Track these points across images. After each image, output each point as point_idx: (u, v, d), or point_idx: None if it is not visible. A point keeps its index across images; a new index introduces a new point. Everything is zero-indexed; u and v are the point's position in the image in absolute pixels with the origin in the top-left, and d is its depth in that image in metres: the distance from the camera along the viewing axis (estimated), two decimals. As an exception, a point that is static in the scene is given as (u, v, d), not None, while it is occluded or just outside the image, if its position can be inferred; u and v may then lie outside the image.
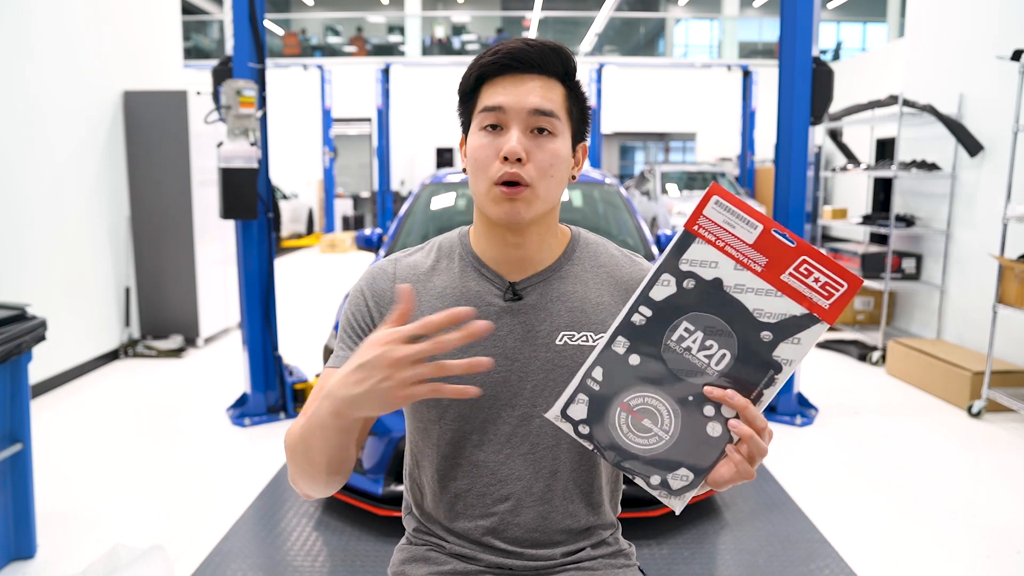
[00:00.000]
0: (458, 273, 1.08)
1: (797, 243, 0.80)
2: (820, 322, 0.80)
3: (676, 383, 0.83)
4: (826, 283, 0.79)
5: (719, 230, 0.81)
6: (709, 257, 0.81)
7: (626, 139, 18.35)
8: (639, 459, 0.85)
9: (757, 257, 0.80)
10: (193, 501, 2.93)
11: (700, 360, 0.82)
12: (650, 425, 0.84)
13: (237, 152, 3.55)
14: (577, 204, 3.99)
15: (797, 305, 0.80)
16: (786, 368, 0.81)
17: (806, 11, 3.59)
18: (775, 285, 0.80)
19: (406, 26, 17.52)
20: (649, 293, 0.82)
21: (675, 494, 0.86)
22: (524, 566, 1.08)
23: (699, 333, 0.82)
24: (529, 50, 0.99)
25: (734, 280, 0.81)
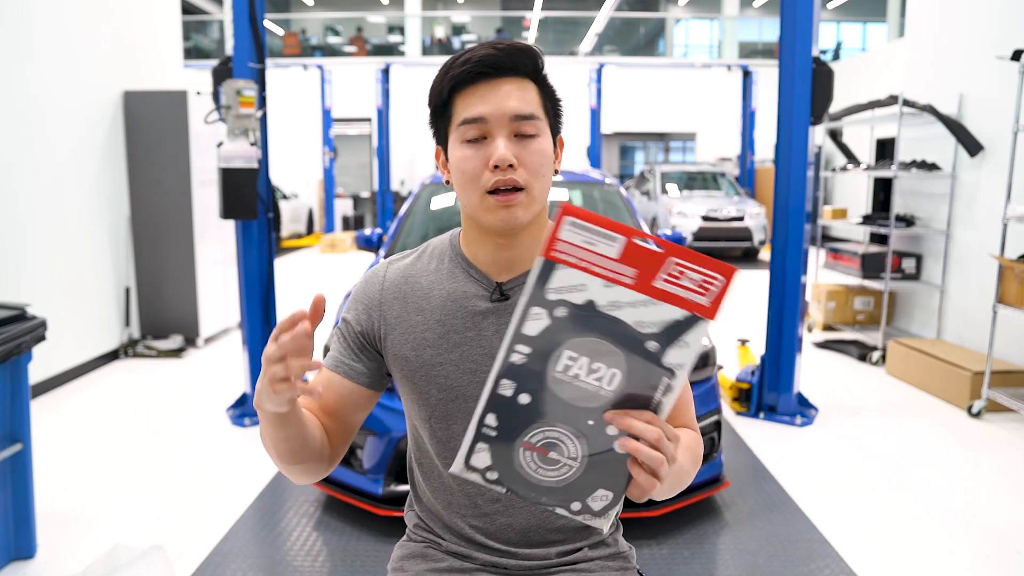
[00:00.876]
0: (446, 275, 1.09)
1: (664, 247, 0.77)
2: (703, 320, 0.78)
3: (573, 412, 0.80)
4: (702, 281, 0.77)
5: (580, 251, 0.77)
6: (575, 281, 0.77)
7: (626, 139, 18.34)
8: (554, 491, 0.83)
9: (625, 270, 0.77)
10: (193, 501, 2.93)
11: (591, 384, 0.80)
12: (557, 457, 0.82)
13: (237, 152, 3.55)
14: (577, 204, 3.99)
15: (676, 309, 0.78)
16: (679, 372, 0.79)
17: (806, 11, 3.59)
18: (650, 294, 0.78)
19: (406, 26, 17.52)
20: (522, 330, 0.79)
21: (598, 515, 0.84)
22: (518, 565, 1.08)
23: (584, 359, 0.79)
24: (499, 54, 0.98)
25: (607, 298, 0.78)
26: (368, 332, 1.09)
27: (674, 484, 0.98)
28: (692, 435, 1.08)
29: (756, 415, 3.94)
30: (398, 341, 1.07)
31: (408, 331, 1.07)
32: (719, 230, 10.39)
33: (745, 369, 4.16)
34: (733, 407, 4.05)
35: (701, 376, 2.75)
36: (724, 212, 10.42)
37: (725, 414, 3.96)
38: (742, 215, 10.42)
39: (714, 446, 2.77)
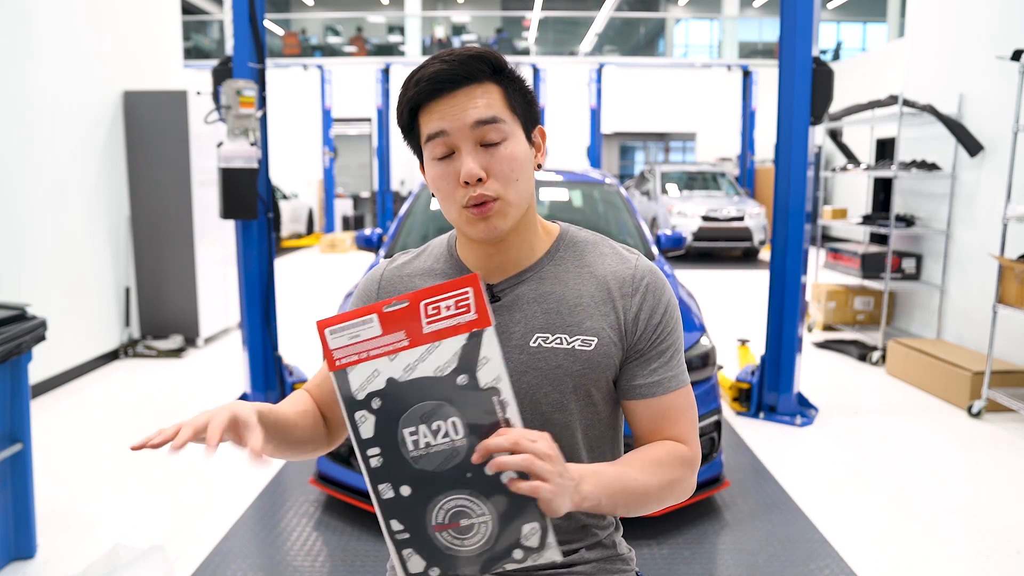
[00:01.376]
0: (440, 276, 1.10)
1: (408, 299, 0.82)
2: (483, 330, 0.81)
3: (450, 476, 0.82)
4: (456, 302, 0.81)
5: (353, 347, 0.82)
6: (367, 372, 0.82)
7: (626, 139, 18.34)
8: (492, 552, 0.84)
9: (395, 337, 0.82)
10: (193, 501, 2.93)
11: (444, 444, 0.82)
12: (469, 521, 0.83)
13: (237, 152, 3.55)
14: (577, 204, 3.99)
15: (456, 337, 0.81)
16: (501, 386, 0.81)
17: (806, 11, 3.59)
18: (427, 341, 0.81)
19: (406, 26, 17.52)
20: (362, 437, 0.82)
21: (541, 549, 0.84)
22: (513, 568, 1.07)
23: (422, 427, 0.82)
24: (449, 68, 0.97)
25: (399, 368, 0.82)
26: None
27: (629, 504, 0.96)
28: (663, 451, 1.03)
29: (756, 415, 3.94)
30: None
31: None
32: (719, 230, 10.39)
33: (745, 369, 4.16)
34: (733, 407, 4.05)
35: (701, 376, 2.75)
36: (724, 212, 10.42)
37: (725, 414, 3.96)
38: (742, 215, 10.42)
39: (714, 446, 2.77)
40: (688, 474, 1.04)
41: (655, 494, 0.99)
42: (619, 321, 1.04)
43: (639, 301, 1.04)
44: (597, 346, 1.03)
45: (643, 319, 1.04)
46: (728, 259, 11.16)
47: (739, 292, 8.16)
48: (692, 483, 1.06)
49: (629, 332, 1.04)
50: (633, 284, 1.05)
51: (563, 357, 1.02)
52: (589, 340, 1.03)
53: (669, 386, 1.05)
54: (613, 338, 1.04)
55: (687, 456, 1.05)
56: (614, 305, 1.04)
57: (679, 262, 9.91)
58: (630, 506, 0.97)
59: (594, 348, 1.03)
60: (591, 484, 0.89)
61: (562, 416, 1.04)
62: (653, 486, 0.98)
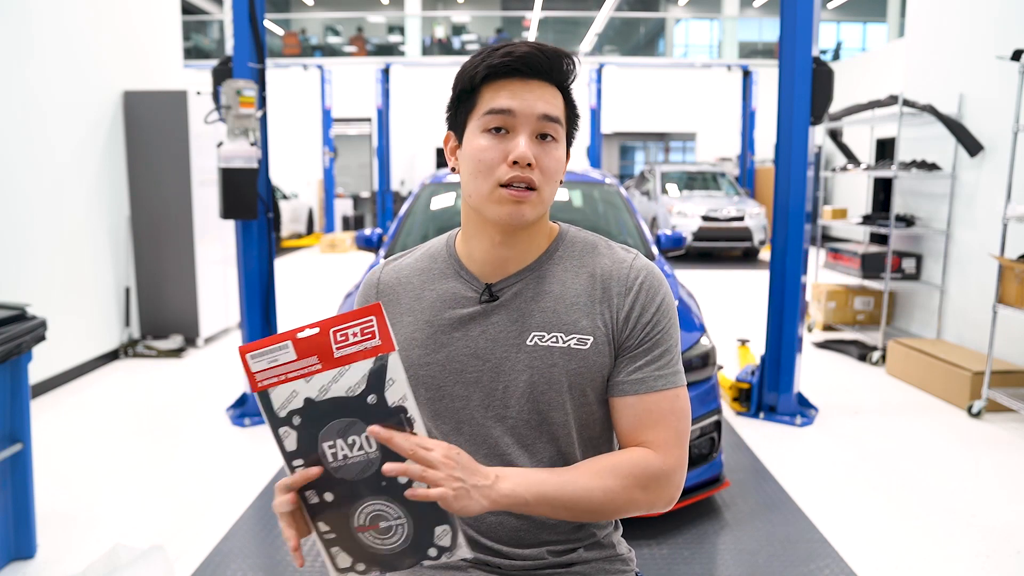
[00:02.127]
0: (437, 275, 1.10)
1: (319, 326, 0.88)
2: (388, 355, 0.87)
3: (367, 484, 0.89)
4: (361, 329, 0.87)
5: (273, 370, 0.87)
6: (286, 393, 0.88)
7: (626, 139, 18.34)
8: (409, 551, 0.92)
9: (308, 361, 0.87)
10: (193, 501, 2.93)
11: (360, 456, 0.89)
12: (387, 524, 0.91)
13: (237, 152, 3.55)
14: (577, 204, 3.99)
15: (364, 361, 0.87)
16: (407, 404, 0.88)
17: (806, 11, 3.59)
18: (337, 365, 0.87)
19: (406, 26, 17.52)
20: (287, 450, 0.89)
21: (452, 549, 0.91)
22: (511, 565, 1.08)
23: (339, 441, 0.88)
24: (541, 56, 0.99)
25: (315, 389, 0.88)
26: None
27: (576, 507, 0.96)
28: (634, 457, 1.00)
29: (756, 415, 3.94)
30: None
31: (398, 332, 1.09)
32: (719, 230, 10.39)
33: (745, 369, 4.16)
34: (733, 407, 4.05)
35: (701, 376, 2.75)
36: (724, 212, 10.42)
37: (725, 414, 3.96)
38: (742, 215, 10.42)
39: (714, 446, 2.77)
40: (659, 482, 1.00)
41: (608, 501, 0.97)
42: (612, 319, 1.04)
43: (632, 299, 1.05)
44: (592, 345, 1.03)
45: (634, 317, 1.04)
46: (728, 259, 11.16)
47: (739, 292, 8.16)
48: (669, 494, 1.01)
49: (620, 330, 1.04)
50: (628, 283, 1.05)
51: (559, 356, 1.03)
52: (584, 339, 1.03)
53: (654, 385, 1.03)
54: (605, 339, 1.04)
55: (653, 463, 1.00)
56: (609, 304, 1.05)
57: (679, 262, 9.91)
58: (576, 510, 0.96)
59: (589, 347, 1.03)
60: (511, 483, 0.92)
61: (558, 414, 1.04)
62: (601, 491, 0.96)
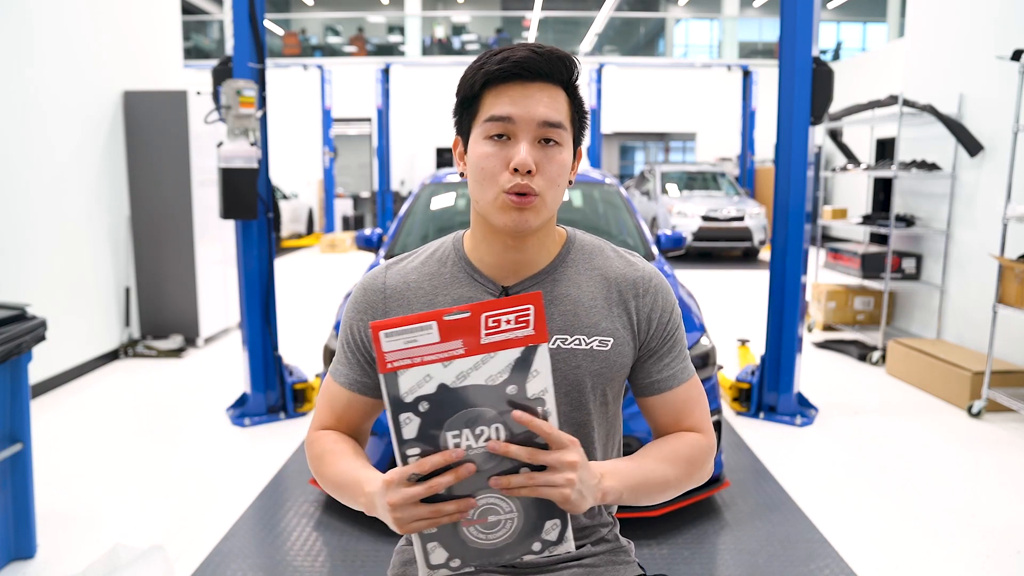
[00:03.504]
0: (450, 279, 1.09)
1: (470, 310, 0.84)
2: (538, 346, 0.84)
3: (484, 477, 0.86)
4: (516, 317, 0.84)
5: (409, 351, 0.83)
6: (419, 376, 0.83)
7: (626, 139, 18.35)
8: (513, 545, 0.89)
9: (452, 345, 0.84)
10: (193, 501, 2.93)
11: (484, 447, 0.85)
12: (496, 518, 0.87)
13: (237, 152, 3.55)
14: (577, 204, 3.99)
15: (512, 350, 0.84)
16: (547, 397, 0.85)
17: (806, 11, 3.59)
18: (483, 351, 0.84)
19: (406, 26, 17.52)
20: (404, 437, 0.84)
21: (558, 543, 0.89)
22: (523, 562, 1.09)
23: (465, 431, 0.84)
24: (538, 59, 0.98)
25: (453, 375, 0.84)
26: (369, 342, 1.09)
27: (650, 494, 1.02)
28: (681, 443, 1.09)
29: (756, 415, 3.94)
30: None
31: None
32: (719, 230, 10.39)
33: (745, 369, 4.16)
34: (733, 407, 4.05)
35: (701, 376, 2.75)
36: (724, 212, 10.42)
37: (725, 414, 3.96)
38: (742, 215, 10.42)
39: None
40: (706, 459, 1.09)
41: (674, 482, 1.04)
42: (632, 321, 1.08)
43: (650, 302, 1.09)
44: (613, 346, 1.06)
45: (656, 318, 1.09)
46: (728, 259, 11.16)
47: (739, 292, 8.16)
48: (710, 468, 1.11)
49: (642, 331, 1.09)
50: (642, 286, 1.09)
51: (582, 358, 1.05)
52: (606, 340, 1.06)
53: (682, 377, 1.11)
54: (627, 338, 1.07)
55: (703, 443, 1.10)
56: (625, 307, 1.08)
57: (679, 262, 9.91)
58: (652, 495, 1.02)
59: (610, 348, 1.06)
60: (612, 480, 0.95)
61: (580, 415, 1.07)
62: (671, 475, 1.04)
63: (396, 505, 0.85)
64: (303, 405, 3.96)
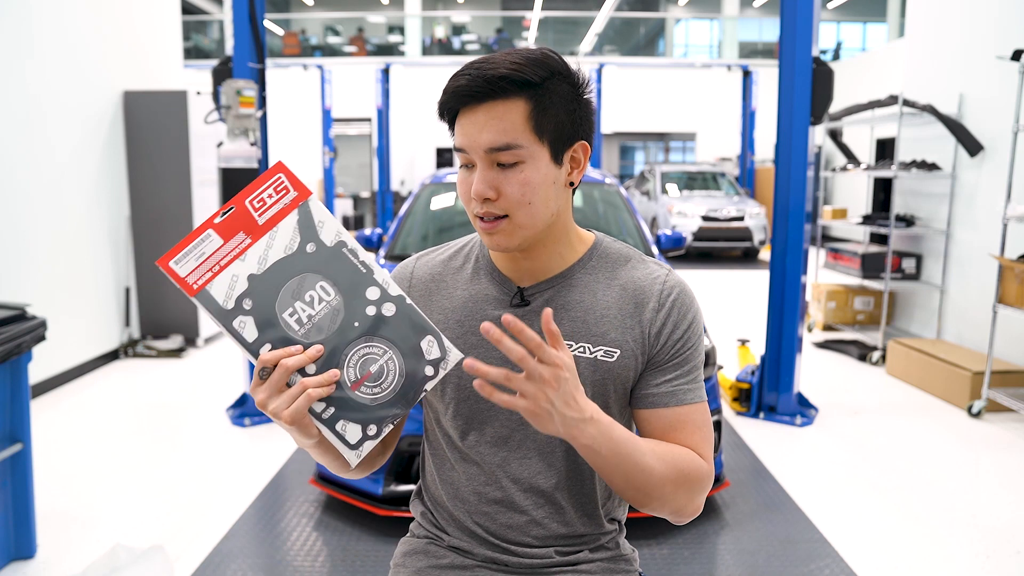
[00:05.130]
0: (470, 276, 1.11)
1: (233, 203, 0.87)
2: (307, 200, 0.89)
3: (340, 334, 0.88)
4: (273, 189, 0.88)
5: (204, 265, 0.86)
6: (227, 280, 0.86)
7: (626, 139, 18.34)
8: (408, 383, 0.90)
9: (237, 240, 0.87)
10: (193, 501, 2.93)
11: (323, 308, 0.88)
12: (377, 366, 0.89)
13: (237, 152, 3.55)
14: (577, 204, 3.99)
15: (289, 216, 0.88)
16: (344, 238, 0.88)
17: (806, 11, 3.59)
18: (266, 230, 0.87)
19: (406, 26, 17.52)
20: (248, 341, 0.87)
21: (443, 358, 0.90)
22: (519, 563, 1.09)
23: (296, 304, 0.88)
24: (471, 84, 0.94)
25: (254, 264, 0.87)
26: None
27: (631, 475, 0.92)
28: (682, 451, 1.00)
29: (756, 415, 3.94)
30: None
31: None
32: (719, 230, 10.39)
33: (745, 369, 4.16)
34: (733, 407, 4.05)
35: (701, 376, 2.75)
36: (724, 212, 10.42)
37: (725, 414, 3.96)
38: (742, 215, 10.42)
39: (714, 446, 2.77)
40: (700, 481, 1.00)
41: (658, 482, 0.95)
42: (643, 334, 1.04)
43: (664, 315, 1.04)
44: (619, 358, 1.03)
45: (666, 333, 1.04)
46: (728, 259, 11.16)
47: (739, 292, 8.15)
48: (700, 501, 1.02)
49: (651, 344, 1.04)
50: (661, 298, 1.05)
51: (584, 366, 1.03)
52: (612, 351, 1.03)
53: (684, 399, 1.03)
54: (635, 351, 1.03)
55: (701, 470, 1.00)
56: (640, 318, 1.04)
57: (679, 262, 9.91)
58: (629, 478, 0.93)
59: (616, 360, 1.03)
60: (597, 429, 0.88)
61: None
62: (657, 471, 0.94)
63: (264, 403, 0.86)
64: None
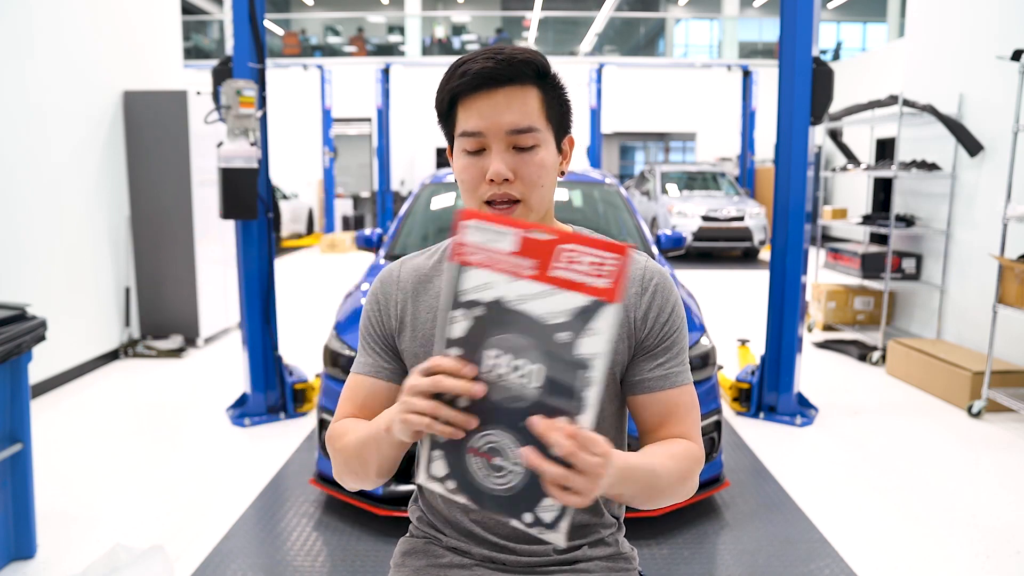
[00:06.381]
0: None
1: (556, 234, 0.78)
2: (606, 304, 0.76)
3: (506, 414, 0.80)
4: (593, 262, 0.76)
5: (481, 250, 0.80)
6: (482, 280, 0.80)
7: (626, 139, 18.34)
8: (505, 501, 0.81)
9: (523, 262, 0.79)
10: (193, 501, 2.93)
11: (516, 383, 0.79)
12: (501, 463, 0.81)
13: (237, 152, 3.55)
14: (577, 204, 3.99)
15: (578, 295, 0.77)
16: (596, 362, 0.76)
17: (806, 11, 3.59)
18: (550, 283, 0.78)
19: (406, 26, 17.52)
20: (447, 335, 0.81)
21: (550, 527, 0.80)
22: (517, 562, 1.09)
23: (506, 356, 0.79)
24: (496, 67, 0.98)
25: (514, 293, 0.79)
26: (388, 331, 1.12)
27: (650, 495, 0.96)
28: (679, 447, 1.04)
29: (756, 415, 3.94)
30: (409, 338, 1.10)
31: (418, 329, 1.10)
32: (719, 230, 10.39)
33: (745, 369, 4.16)
34: (733, 407, 4.05)
35: (701, 376, 2.75)
36: (724, 212, 10.42)
37: (725, 414, 3.96)
38: (742, 215, 10.43)
39: (714, 446, 2.77)
40: (696, 470, 1.05)
41: (669, 489, 1.00)
42: (628, 319, 1.07)
43: (648, 300, 1.07)
44: None
45: (652, 317, 1.07)
46: (728, 259, 11.16)
47: (739, 292, 8.15)
48: (695, 482, 1.06)
49: (638, 330, 1.07)
50: (643, 284, 1.08)
51: None
52: None
53: (676, 380, 1.07)
54: (623, 335, 1.06)
55: (696, 453, 1.06)
56: (625, 304, 1.07)
57: (679, 262, 9.91)
58: (648, 499, 0.98)
59: None
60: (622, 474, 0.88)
61: None
62: (667, 482, 0.98)
63: (405, 389, 0.84)
64: (303, 405, 3.96)
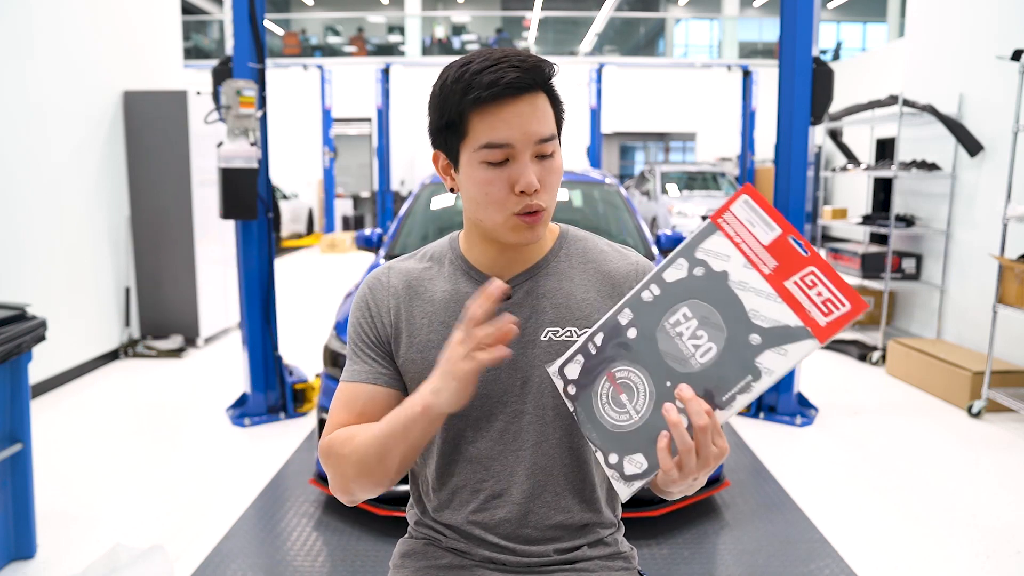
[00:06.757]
0: (448, 276, 1.11)
1: (811, 254, 0.79)
2: (812, 338, 0.77)
3: (660, 366, 0.85)
4: (828, 299, 0.77)
5: (740, 227, 0.82)
6: (723, 250, 0.83)
7: (626, 139, 18.34)
8: (606, 432, 0.88)
9: (767, 259, 0.81)
10: (193, 501, 2.93)
11: (687, 348, 0.83)
12: (626, 401, 0.86)
13: (237, 152, 3.55)
14: (577, 204, 3.99)
15: (793, 315, 0.78)
16: (765, 378, 0.79)
17: (806, 11, 3.59)
18: (777, 290, 0.80)
19: (406, 26, 17.52)
20: (663, 274, 0.86)
21: (626, 479, 0.86)
22: (517, 562, 1.09)
23: (694, 321, 0.83)
24: (524, 76, 0.95)
25: (740, 276, 0.82)
26: (383, 337, 1.10)
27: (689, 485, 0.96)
28: None
29: (756, 415, 3.94)
30: (405, 344, 1.09)
31: (414, 334, 1.08)
32: (719, 230, 10.38)
33: (745, 369, 4.16)
34: (733, 407, 4.04)
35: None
36: (724, 212, 10.41)
37: (725, 414, 3.95)
38: (742, 215, 10.42)
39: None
40: None
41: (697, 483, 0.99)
42: None
43: None
44: None
45: None
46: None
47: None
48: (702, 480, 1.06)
49: None
50: (636, 279, 1.09)
51: None
52: None
53: None
54: None
55: None
56: (621, 297, 1.07)
57: (679, 262, 9.89)
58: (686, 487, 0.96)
59: None
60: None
61: None
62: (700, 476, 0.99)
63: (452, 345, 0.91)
64: (303, 405, 3.96)
